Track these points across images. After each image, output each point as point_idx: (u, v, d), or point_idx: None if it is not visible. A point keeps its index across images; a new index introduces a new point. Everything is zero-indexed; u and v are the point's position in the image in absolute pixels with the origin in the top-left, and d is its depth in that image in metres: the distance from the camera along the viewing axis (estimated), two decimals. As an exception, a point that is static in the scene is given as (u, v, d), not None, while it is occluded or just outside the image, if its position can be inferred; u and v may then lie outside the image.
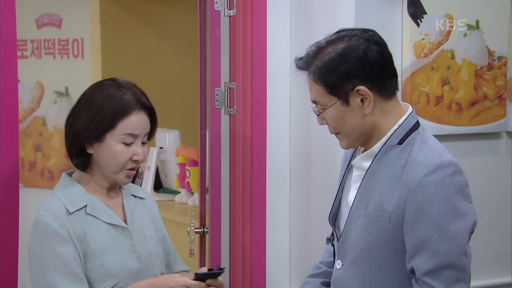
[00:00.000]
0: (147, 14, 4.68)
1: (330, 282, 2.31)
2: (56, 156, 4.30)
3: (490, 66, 3.24)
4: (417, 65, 3.11)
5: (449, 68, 3.16)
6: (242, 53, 3.04)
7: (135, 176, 4.05)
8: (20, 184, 2.67)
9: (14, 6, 2.58)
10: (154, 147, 4.17)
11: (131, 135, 2.29)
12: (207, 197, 3.14)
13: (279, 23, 3.20)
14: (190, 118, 3.94)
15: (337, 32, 2.20)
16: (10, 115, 2.59)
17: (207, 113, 3.10)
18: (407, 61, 3.09)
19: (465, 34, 3.18)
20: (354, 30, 2.19)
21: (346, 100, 2.14)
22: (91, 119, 2.27)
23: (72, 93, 4.33)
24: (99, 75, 4.28)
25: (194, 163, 3.82)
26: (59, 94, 4.35)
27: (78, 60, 4.33)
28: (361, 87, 2.12)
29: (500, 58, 3.27)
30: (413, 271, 2.10)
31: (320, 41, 2.20)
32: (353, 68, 2.12)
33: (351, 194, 2.23)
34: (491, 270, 3.30)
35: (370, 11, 3.05)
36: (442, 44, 3.15)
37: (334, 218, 2.31)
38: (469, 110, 3.21)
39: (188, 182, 3.90)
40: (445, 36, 3.15)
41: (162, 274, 2.39)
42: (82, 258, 2.25)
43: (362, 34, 2.16)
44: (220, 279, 2.28)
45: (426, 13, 3.10)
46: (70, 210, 2.27)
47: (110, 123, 2.27)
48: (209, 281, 2.24)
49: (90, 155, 2.32)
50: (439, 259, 2.05)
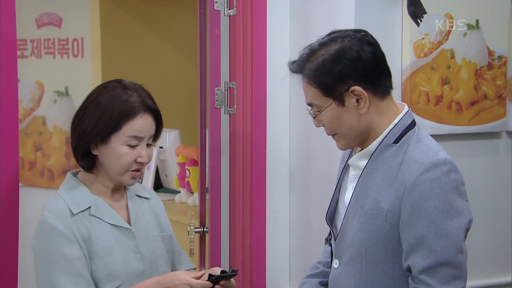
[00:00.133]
0: (147, 13, 4.68)
1: (328, 282, 2.32)
2: (56, 155, 4.29)
3: (490, 66, 3.24)
4: (417, 64, 3.11)
5: (449, 67, 3.16)
6: (242, 52, 3.04)
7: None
8: (20, 183, 2.67)
9: (14, 5, 2.58)
10: (154, 147, 4.17)
11: (136, 138, 2.29)
12: (207, 196, 3.14)
13: (279, 23, 3.20)
14: (190, 117, 3.94)
15: (329, 34, 2.21)
16: (10, 115, 2.59)
17: (207, 112, 3.10)
18: (407, 60, 3.09)
19: (465, 34, 3.18)
20: (346, 31, 2.19)
21: (341, 101, 2.14)
22: (97, 121, 2.27)
23: (72, 92, 4.33)
24: (99, 75, 4.28)
25: (194, 163, 3.82)
26: (59, 93, 4.34)
27: (78, 59, 4.32)
28: (356, 87, 2.12)
29: (500, 57, 3.27)
30: (409, 270, 2.11)
31: (312, 43, 2.20)
32: (347, 68, 2.12)
33: (348, 194, 2.24)
34: (491, 269, 3.30)
35: (370, 11, 3.05)
36: (442, 43, 3.15)
37: (331, 218, 2.32)
38: (469, 109, 3.21)
39: (188, 182, 3.90)
40: (445, 35, 3.15)
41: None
42: (87, 258, 2.25)
43: (354, 35, 2.16)
44: (232, 281, 2.27)
45: (426, 12, 3.11)
46: (74, 212, 2.27)
47: (115, 125, 2.27)
48: (222, 282, 2.24)
49: (95, 156, 2.32)
50: (435, 257, 2.05)
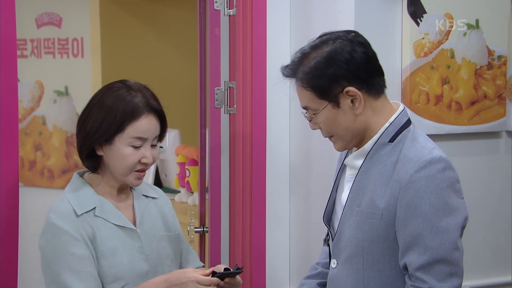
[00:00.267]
0: (147, 13, 4.68)
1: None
2: (56, 155, 4.29)
3: (490, 65, 3.24)
4: (417, 64, 3.11)
5: (449, 67, 3.16)
6: (242, 52, 3.04)
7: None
8: (20, 183, 2.67)
9: (14, 5, 2.58)
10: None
11: (140, 139, 2.30)
12: (207, 196, 3.14)
13: (279, 22, 3.20)
14: (190, 117, 3.93)
15: (319, 36, 2.21)
16: (10, 115, 2.60)
17: (207, 112, 3.10)
18: (407, 60, 3.09)
19: (465, 34, 3.18)
20: (336, 32, 2.20)
21: (336, 102, 2.15)
22: (101, 121, 2.28)
23: (72, 92, 4.33)
24: (99, 75, 4.28)
25: (194, 162, 3.82)
26: (59, 93, 4.34)
27: (78, 59, 4.32)
28: (350, 88, 2.13)
29: (500, 57, 3.27)
30: (406, 268, 2.12)
31: (303, 47, 2.21)
32: (340, 70, 2.13)
33: (345, 194, 2.25)
34: (491, 269, 3.29)
35: (370, 10, 3.05)
36: (442, 43, 3.15)
37: (328, 218, 2.33)
38: (469, 109, 3.21)
39: (188, 181, 3.90)
40: (445, 35, 3.15)
41: None
42: (95, 258, 2.26)
43: (345, 36, 2.17)
44: (238, 278, 2.29)
45: (426, 12, 3.11)
46: (78, 213, 2.28)
47: (119, 126, 2.27)
48: (227, 279, 2.25)
49: (100, 157, 2.33)
50: (431, 254, 2.06)
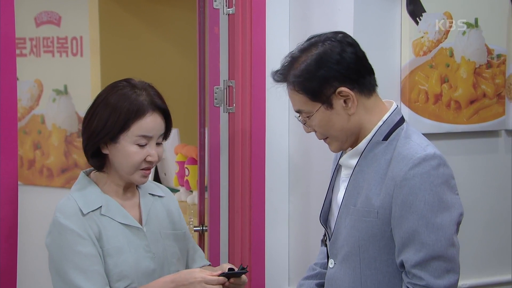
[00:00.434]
0: (146, 12, 4.67)
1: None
2: (55, 154, 4.29)
3: (489, 64, 3.24)
4: (416, 63, 3.11)
5: (448, 66, 3.16)
6: (241, 51, 3.04)
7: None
8: (19, 182, 2.67)
9: (13, 4, 2.58)
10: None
11: (145, 137, 2.30)
12: (206, 195, 3.14)
13: (278, 21, 3.20)
14: (189, 116, 3.93)
15: (308, 39, 2.22)
16: (9, 113, 2.59)
17: (206, 111, 3.10)
18: (406, 59, 3.09)
19: (464, 32, 3.18)
20: (325, 34, 2.20)
21: (329, 104, 2.15)
22: (106, 120, 2.28)
23: (71, 91, 4.33)
24: (98, 73, 4.27)
25: (193, 161, 3.81)
26: (58, 92, 4.34)
27: (77, 58, 4.32)
28: (342, 89, 2.14)
29: (499, 56, 3.27)
30: (402, 265, 2.12)
31: (292, 51, 2.22)
32: (331, 71, 2.14)
33: (340, 193, 2.26)
34: (491, 268, 3.29)
35: (369, 9, 3.05)
36: (441, 42, 3.15)
37: (325, 218, 2.33)
38: (468, 108, 3.21)
39: (187, 180, 3.90)
40: (444, 34, 3.15)
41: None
42: (101, 256, 2.26)
43: (334, 37, 2.18)
44: (243, 278, 2.30)
45: (425, 11, 3.10)
46: (84, 212, 2.28)
47: (124, 125, 2.27)
48: (232, 279, 2.27)
49: (106, 156, 2.33)
50: (427, 251, 2.07)
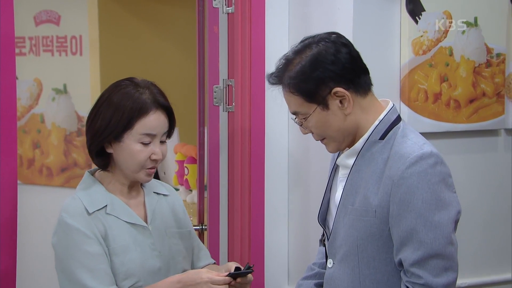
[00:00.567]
0: (145, 11, 4.67)
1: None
2: (54, 153, 4.29)
3: (488, 63, 3.24)
4: (415, 62, 3.11)
5: (447, 65, 3.16)
6: (241, 50, 3.04)
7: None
8: (18, 181, 2.67)
9: (12, 3, 2.58)
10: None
11: (149, 135, 2.30)
12: (206, 194, 3.14)
13: (278, 20, 3.19)
14: (188, 115, 3.93)
15: (301, 41, 2.22)
16: (9, 112, 2.59)
17: (206, 110, 3.10)
18: (406, 58, 3.09)
19: (463, 31, 3.18)
20: (318, 35, 2.21)
21: (325, 104, 2.16)
22: (109, 119, 2.28)
23: (70, 90, 4.33)
24: (98, 72, 4.27)
25: (192, 160, 3.82)
26: (58, 91, 4.34)
27: (77, 57, 4.32)
28: (338, 89, 2.14)
29: (498, 55, 3.27)
30: (401, 264, 2.12)
31: (287, 53, 2.22)
32: (326, 72, 2.14)
33: (338, 193, 2.26)
34: (491, 266, 3.29)
35: (368, 8, 3.05)
36: (441, 41, 3.15)
37: (323, 218, 2.33)
38: (467, 107, 3.21)
39: (186, 180, 3.90)
40: (443, 33, 3.15)
41: (185, 271, 2.40)
42: (107, 255, 2.27)
43: (328, 38, 2.18)
44: (249, 276, 2.31)
45: (424, 10, 3.10)
46: (90, 211, 2.28)
47: (128, 123, 2.28)
48: (239, 279, 2.28)
49: (110, 155, 2.33)
50: (426, 249, 2.07)
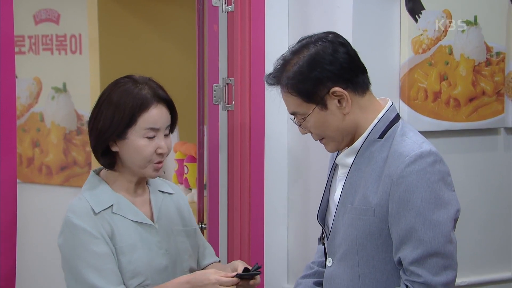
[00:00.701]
0: (145, 9, 4.67)
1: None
2: (54, 152, 4.29)
3: (488, 62, 3.24)
4: (415, 60, 3.10)
5: (447, 63, 3.16)
6: (240, 48, 3.04)
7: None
8: (17, 180, 2.67)
9: (12, 1, 2.58)
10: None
11: (153, 129, 2.31)
12: (205, 193, 3.14)
13: (277, 19, 3.19)
14: (188, 114, 3.92)
15: (299, 41, 2.22)
16: (8, 111, 2.59)
17: (205, 109, 3.10)
18: (405, 56, 3.09)
19: (463, 30, 3.18)
20: (315, 35, 2.20)
21: (323, 104, 2.15)
22: (111, 117, 2.29)
23: (70, 89, 4.33)
24: (97, 71, 4.27)
25: (192, 159, 3.82)
26: (57, 90, 4.34)
27: (76, 56, 4.32)
28: (336, 88, 2.14)
29: (498, 53, 3.27)
30: (400, 263, 2.12)
31: (284, 53, 2.21)
32: (324, 72, 2.14)
33: (337, 192, 2.25)
34: (491, 265, 3.29)
35: (368, 7, 3.04)
36: (440, 39, 3.15)
37: (323, 217, 2.33)
38: (467, 105, 3.21)
39: (186, 178, 3.90)
40: (443, 32, 3.15)
41: (191, 269, 2.42)
42: (114, 254, 2.27)
43: (325, 38, 2.18)
44: (257, 278, 2.30)
45: (424, 8, 3.10)
46: (96, 211, 2.29)
47: (130, 119, 2.28)
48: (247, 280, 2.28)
49: (115, 153, 2.34)
50: (425, 248, 2.07)
